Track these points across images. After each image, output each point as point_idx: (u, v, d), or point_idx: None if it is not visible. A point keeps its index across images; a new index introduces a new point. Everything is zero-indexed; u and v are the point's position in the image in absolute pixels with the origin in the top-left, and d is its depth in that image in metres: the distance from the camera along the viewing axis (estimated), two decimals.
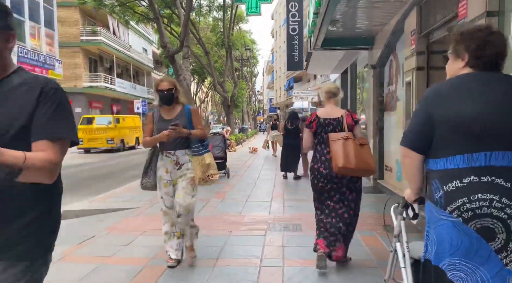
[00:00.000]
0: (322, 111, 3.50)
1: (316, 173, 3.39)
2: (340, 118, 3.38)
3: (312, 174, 3.45)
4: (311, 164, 3.49)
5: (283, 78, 58.29)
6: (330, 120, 3.38)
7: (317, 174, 3.39)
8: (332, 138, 3.27)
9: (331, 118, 3.39)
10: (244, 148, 20.01)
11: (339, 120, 3.38)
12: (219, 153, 9.18)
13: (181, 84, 12.59)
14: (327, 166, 3.31)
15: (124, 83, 33.15)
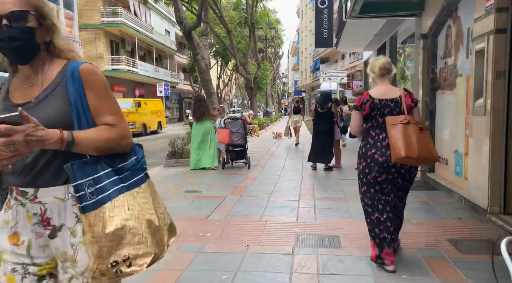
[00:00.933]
0: (376, 91, 3.02)
1: (369, 160, 2.93)
2: (399, 99, 2.94)
3: (364, 161, 2.98)
4: (362, 150, 3.03)
5: (309, 59, 56.31)
6: (386, 102, 2.94)
7: (370, 162, 2.93)
8: (391, 122, 2.85)
9: (387, 99, 2.95)
10: (268, 133, 18.90)
11: (397, 101, 2.94)
12: (238, 140, 8.12)
13: (199, 64, 11.52)
14: (383, 153, 2.88)
15: (146, 66, 32.47)
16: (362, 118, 3.02)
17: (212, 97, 11.75)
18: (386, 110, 2.92)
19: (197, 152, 8.15)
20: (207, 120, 8.20)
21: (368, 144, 2.98)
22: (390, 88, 3.03)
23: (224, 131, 8.02)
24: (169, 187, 6.42)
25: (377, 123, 2.96)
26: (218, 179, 7.13)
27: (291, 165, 8.73)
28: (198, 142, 8.13)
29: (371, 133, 2.98)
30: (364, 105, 2.97)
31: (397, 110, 2.91)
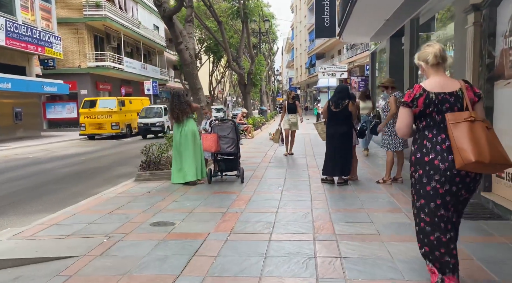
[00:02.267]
0: (431, 83, 2.47)
1: (428, 167, 2.39)
2: (459, 92, 2.42)
3: (421, 169, 2.43)
4: (417, 155, 2.46)
5: (304, 55, 54.78)
6: (445, 96, 2.41)
7: (428, 169, 2.39)
8: (453, 120, 2.31)
9: (446, 93, 2.42)
10: (264, 133, 17.20)
11: (457, 95, 2.42)
12: (228, 147, 6.44)
13: (182, 55, 9.82)
14: (445, 158, 2.34)
15: (133, 63, 30.67)
16: (412, 117, 2.50)
17: (199, 94, 10.06)
18: (444, 106, 2.41)
19: (178, 161, 6.48)
20: (189, 120, 6.53)
21: (424, 148, 2.46)
22: (448, 79, 2.51)
23: (210, 136, 6.33)
24: (131, 215, 4.73)
25: (433, 122, 2.46)
26: (201, 199, 5.45)
27: (294, 176, 7.06)
28: (179, 148, 6.46)
29: (427, 135, 2.47)
30: (417, 100, 2.45)
31: (458, 106, 2.41)
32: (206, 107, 7.60)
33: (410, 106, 2.47)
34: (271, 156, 9.89)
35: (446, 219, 2.42)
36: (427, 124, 2.47)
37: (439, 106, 2.42)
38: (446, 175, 2.35)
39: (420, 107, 2.44)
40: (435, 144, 2.41)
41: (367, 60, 30.04)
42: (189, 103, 6.55)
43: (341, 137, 5.97)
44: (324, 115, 6.33)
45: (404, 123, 2.50)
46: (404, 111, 2.50)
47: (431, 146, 2.42)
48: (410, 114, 2.49)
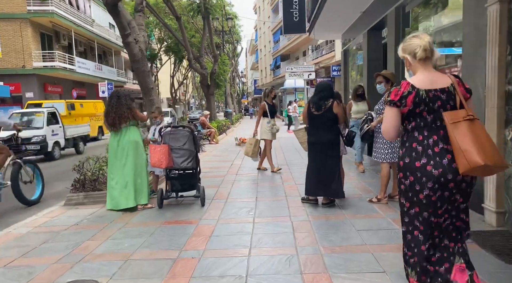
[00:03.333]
0: (420, 79, 2.22)
1: (420, 174, 2.15)
2: (451, 88, 2.18)
3: (412, 175, 2.18)
4: (405, 160, 2.22)
5: (268, 57, 53.93)
6: (436, 93, 2.17)
7: (420, 176, 2.15)
8: (452, 119, 2.10)
9: (437, 90, 2.18)
10: (229, 138, 15.84)
11: (449, 91, 2.18)
12: (184, 161, 5.05)
13: (130, 49, 8.31)
14: (438, 163, 2.11)
15: (86, 63, 28.36)
16: (400, 118, 2.22)
17: (151, 95, 8.59)
18: (436, 104, 2.15)
19: (115, 181, 5.04)
20: (130, 129, 5.12)
21: (413, 152, 2.19)
22: (437, 75, 2.24)
23: (160, 148, 4.91)
24: (38, 268, 3.27)
25: (424, 122, 2.18)
26: (146, 235, 4.05)
27: (268, 194, 5.78)
28: (114, 163, 5.03)
29: (417, 137, 2.20)
30: (405, 99, 2.18)
31: (450, 104, 2.15)
32: (155, 109, 6.14)
33: (398, 106, 2.21)
34: (239, 166, 8.57)
35: (438, 226, 2.22)
36: (416, 125, 2.22)
37: (430, 104, 2.17)
38: (439, 182, 2.11)
39: (409, 107, 2.19)
40: (427, 147, 2.17)
41: (333, 61, 29.45)
42: (131, 107, 5.13)
43: (325, 147, 4.76)
44: (304, 121, 5.10)
45: (392, 124, 2.24)
46: (391, 112, 2.24)
47: (422, 150, 2.18)
48: (398, 114, 2.23)
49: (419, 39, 2.23)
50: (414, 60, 2.25)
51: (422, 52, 2.20)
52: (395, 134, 2.26)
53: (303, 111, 5.19)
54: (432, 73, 2.25)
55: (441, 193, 2.13)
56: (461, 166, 2.04)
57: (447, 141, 2.11)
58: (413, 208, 2.23)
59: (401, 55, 2.32)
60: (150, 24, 30.43)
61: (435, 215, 2.18)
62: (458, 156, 2.05)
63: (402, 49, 2.30)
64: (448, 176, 2.10)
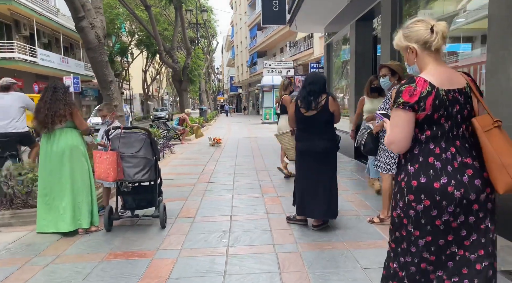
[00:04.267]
0: (436, 77, 1.74)
1: (440, 197, 1.69)
2: (467, 88, 1.78)
3: (428, 199, 1.71)
4: (422, 180, 1.72)
5: (245, 53, 52.87)
6: (455, 94, 1.74)
7: (440, 200, 1.69)
8: (484, 126, 1.71)
9: (456, 90, 1.75)
10: (203, 138, 14.72)
11: (466, 92, 1.77)
12: (139, 173, 3.94)
13: (85, 35, 7.10)
14: (460, 182, 1.68)
15: (50, 55, 26.44)
16: (413, 124, 1.72)
17: (110, 89, 7.43)
18: (455, 108, 1.73)
19: (49, 197, 3.93)
20: (68, 131, 4.01)
21: (430, 169, 1.70)
22: (452, 71, 1.81)
23: (106, 156, 3.79)
24: None
25: (441, 131, 1.73)
26: (80, 277, 2.96)
27: (245, 211, 4.76)
28: (47, 175, 3.91)
29: (433, 150, 1.73)
30: (424, 101, 1.69)
31: (468, 108, 1.76)
32: (104, 106, 4.91)
33: (415, 110, 1.70)
34: (211, 171, 7.51)
35: (455, 257, 1.76)
36: (432, 135, 1.74)
37: (449, 109, 1.72)
38: (462, 205, 1.69)
39: (428, 111, 1.70)
40: (446, 163, 1.71)
41: (312, 58, 28.76)
42: (69, 103, 4.01)
43: (319, 157, 3.78)
44: (291, 123, 4.11)
45: (404, 134, 1.72)
46: (405, 117, 1.71)
47: (441, 166, 1.70)
48: (413, 121, 1.72)
49: (425, 23, 1.76)
50: (423, 51, 1.78)
51: (440, 39, 1.74)
52: (407, 147, 1.77)
53: (289, 111, 4.20)
54: (447, 68, 1.81)
55: (465, 219, 1.72)
56: (503, 184, 1.68)
57: (465, 153, 1.73)
58: (423, 238, 1.77)
59: (403, 45, 1.83)
60: (120, 15, 28.81)
61: (458, 243, 1.75)
62: (499, 172, 1.67)
63: (404, 37, 1.82)
64: (471, 196, 1.69)
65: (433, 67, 1.77)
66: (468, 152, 1.72)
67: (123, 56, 34.43)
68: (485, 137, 1.70)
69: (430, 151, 1.74)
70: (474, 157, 1.73)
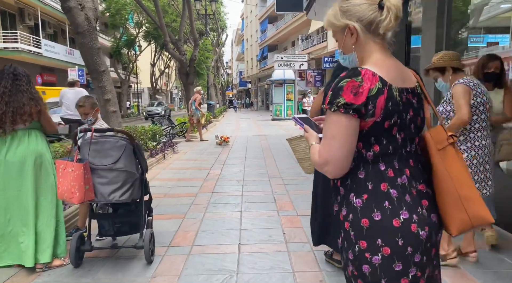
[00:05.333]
0: (385, 68, 1.29)
1: (403, 240, 1.22)
2: (418, 88, 1.37)
3: (387, 244, 1.22)
4: (375, 216, 1.23)
5: (255, 47, 51.71)
6: (408, 95, 1.31)
7: (403, 245, 1.22)
8: (438, 142, 1.34)
9: (408, 90, 1.32)
10: (210, 134, 13.70)
11: (418, 94, 1.36)
12: (116, 191, 2.92)
13: (72, 16, 6.13)
14: (423, 217, 1.25)
15: (55, 47, 25.69)
16: (357, 136, 1.25)
17: (102, 80, 6.48)
18: (408, 115, 1.29)
19: (3, 219, 2.98)
20: (32, 133, 3.06)
21: (385, 199, 1.23)
22: (400, 65, 1.35)
23: (73, 168, 2.79)
24: None
25: (393, 145, 1.27)
26: None
27: (258, 236, 3.75)
28: (2, 192, 2.96)
29: (385, 173, 1.26)
30: (374, 101, 1.22)
31: (421, 115, 1.34)
32: (85, 101, 3.78)
33: (361, 115, 1.22)
34: (217, 177, 6.50)
35: None
36: (382, 151, 1.27)
37: (403, 115, 1.27)
38: (427, 251, 1.25)
39: (377, 117, 1.23)
40: (403, 190, 1.25)
41: (325, 52, 27.53)
42: (36, 97, 3.07)
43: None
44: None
45: (346, 150, 1.24)
46: (347, 125, 1.23)
47: (398, 195, 1.24)
48: (357, 131, 1.24)
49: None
50: (367, 34, 1.30)
51: (393, 19, 1.26)
52: (346, 169, 1.27)
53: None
54: (396, 61, 1.34)
55: (429, 270, 1.27)
56: (458, 222, 1.27)
57: (419, 177, 1.29)
58: None
59: (339, 25, 1.33)
60: (127, 5, 27.90)
61: None
62: (455, 207, 1.26)
63: (342, 12, 1.31)
64: (433, 237, 1.26)
65: (380, 57, 1.31)
66: (421, 174, 1.32)
67: (130, 49, 33.58)
68: (440, 159, 1.31)
69: (381, 173, 1.27)
70: (426, 181, 1.32)
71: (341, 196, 1.32)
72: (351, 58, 1.35)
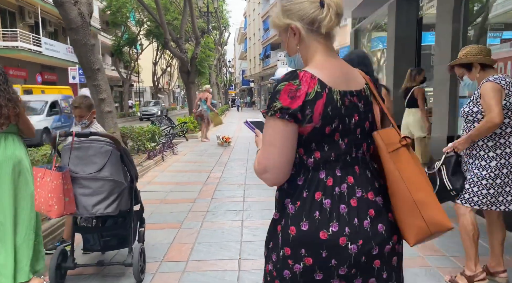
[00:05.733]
0: (327, 70, 1.20)
1: (327, 253, 1.15)
2: (367, 91, 1.28)
3: (311, 255, 1.16)
4: (303, 226, 1.17)
5: (258, 46, 51.33)
6: (352, 98, 1.22)
7: (327, 257, 1.15)
8: (390, 144, 1.24)
9: (353, 93, 1.22)
10: (211, 135, 13.38)
11: (366, 97, 1.27)
12: (101, 203, 2.59)
13: (64, 11, 5.83)
14: (359, 229, 1.16)
15: (56, 45, 25.44)
16: (296, 142, 1.18)
17: (97, 79, 6.18)
18: (353, 120, 1.21)
19: None
20: (9, 137, 2.73)
21: (316, 209, 1.17)
22: (346, 66, 1.28)
23: (49, 177, 2.47)
24: None
25: (335, 152, 1.20)
26: None
27: (263, 250, 3.42)
28: None
29: (323, 181, 1.19)
30: (312, 106, 1.15)
31: (369, 119, 1.26)
32: (82, 102, 3.47)
33: (298, 120, 1.15)
34: (217, 182, 6.17)
35: None
36: (323, 159, 1.20)
37: (346, 119, 1.20)
38: (358, 264, 1.16)
39: (316, 123, 1.16)
40: (339, 201, 1.17)
41: None
42: (16, 98, 2.76)
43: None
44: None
45: (285, 157, 1.17)
46: (285, 131, 1.16)
47: (331, 206, 1.16)
48: (296, 136, 1.17)
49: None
50: (310, 34, 1.23)
51: (334, 17, 1.18)
52: (287, 176, 1.20)
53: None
54: (342, 62, 1.27)
55: (362, 281, 1.19)
56: (414, 230, 1.19)
57: (366, 185, 1.21)
58: None
59: (281, 24, 1.26)
60: (128, 3, 27.60)
61: None
62: (410, 213, 1.18)
63: (283, 11, 1.24)
64: (373, 250, 1.16)
65: (322, 58, 1.22)
66: (369, 182, 1.21)
67: (132, 47, 33.30)
68: (391, 162, 1.20)
69: (319, 182, 1.18)
70: (376, 189, 1.22)
71: (277, 200, 1.27)
72: (297, 60, 1.28)
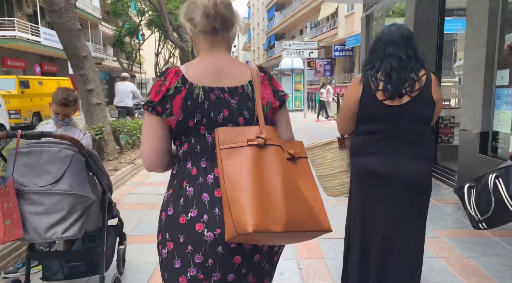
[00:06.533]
0: (199, 68, 1.30)
1: (184, 237, 1.21)
2: (247, 87, 1.31)
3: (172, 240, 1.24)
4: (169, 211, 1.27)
5: (262, 36, 50.47)
6: (222, 94, 1.28)
7: (184, 242, 1.22)
8: (227, 141, 1.21)
9: (224, 90, 1.29)
10: None
11: (245, 94, 1.30)
12: (60, 224, 2.00)
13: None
14: (217, 218, 1.20)
15: (55, 35, 24.72)
16: (166, 133, 1.28)
17: (83, 68, 5.55)
18: (221, 115, 1.26)
19: None
20: None
21: (182, 196, 1.24)
22: (231, 63, 1.34)
23: None
24: None
25: (201, 145, 1.27)
26: None
27: None
28: None
29: (189, 170, 1.26)
30: (171, 101, 1.23)
31: (245, 116, 1.28)
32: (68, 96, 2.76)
33: (159, 112, 1.24)
34: None
35: None
36: (189, 150, 1.27)
37: (211, 114, 1.25)
38: (215, 254, 1.19)
39: (177, 116, 1.24)
40: (202, 189, 1.22)
41: (335, 40, 26.38)
42: None
43: (408, 192, 1.88)
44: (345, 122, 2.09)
45: (151, 145, 1.27)
46: (150, 122, 1.27)
47: (193, 193, 1.23)
48: (161, 127, 1.26)
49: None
50: (196, 32, 1.32)
51: (203, 19, 1.27)
52: (158, 164, 1.30)
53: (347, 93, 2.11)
54: (224, 59, 1.32)
55: (222, 276, 1.21)
56: (227, 229, 1.14)
57: None
58: None
59: (184, 24, 1.38)
60: None
61: None
62: (225, 211, 1.15)
63: (182, 12, 1.38)
64: (232, 244, 1.19)
65: (202, 55, 1.33)
66: None
67: (133, 37, 32.65)
68: (219, 158, 1.18)
69: (185, 171, 1.26)
70: None
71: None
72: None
